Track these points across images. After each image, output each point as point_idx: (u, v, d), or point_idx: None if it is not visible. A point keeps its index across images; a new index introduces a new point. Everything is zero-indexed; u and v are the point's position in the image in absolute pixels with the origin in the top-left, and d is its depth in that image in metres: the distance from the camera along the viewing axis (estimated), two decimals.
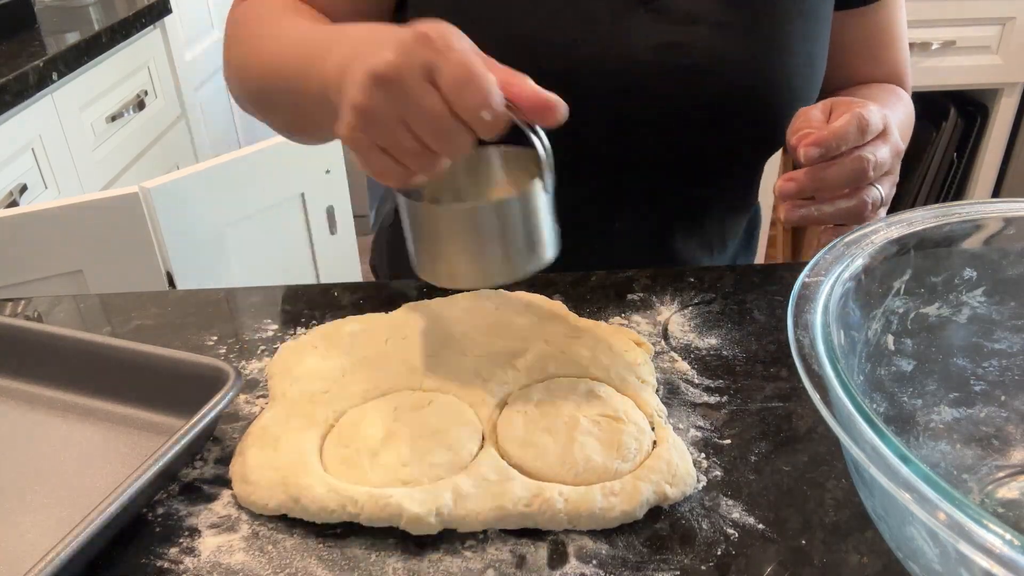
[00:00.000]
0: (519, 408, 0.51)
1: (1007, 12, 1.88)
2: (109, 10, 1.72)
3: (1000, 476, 0.48)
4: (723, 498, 0.48)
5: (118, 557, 0.45)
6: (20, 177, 1.34)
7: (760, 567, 0.43)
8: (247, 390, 0.57)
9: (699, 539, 0.45)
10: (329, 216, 1.29)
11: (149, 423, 0.54)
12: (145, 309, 0.68)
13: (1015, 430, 0.49)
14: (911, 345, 0.49)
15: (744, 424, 0.53)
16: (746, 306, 0.66)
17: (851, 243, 0.46)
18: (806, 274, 0.44)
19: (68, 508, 0.48)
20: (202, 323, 0.65)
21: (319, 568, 0.44)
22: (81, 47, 1.50)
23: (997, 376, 0.50)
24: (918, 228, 0.47)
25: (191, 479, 0.50)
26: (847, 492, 0.48)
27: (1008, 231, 0.49)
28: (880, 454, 0.33)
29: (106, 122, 1.61)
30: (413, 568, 0.44)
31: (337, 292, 0.69)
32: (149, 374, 0.54)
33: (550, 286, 0.68)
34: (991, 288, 0.49)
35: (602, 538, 0.45)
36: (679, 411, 0.54)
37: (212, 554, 0.45)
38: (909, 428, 0.49)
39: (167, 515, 0.48)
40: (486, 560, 0.44)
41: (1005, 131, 2.03)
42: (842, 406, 0.35)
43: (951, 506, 0.30)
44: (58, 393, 0.57)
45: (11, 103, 1.29)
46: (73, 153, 1.49)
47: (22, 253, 0.98)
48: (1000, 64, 1.92)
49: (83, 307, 0.69)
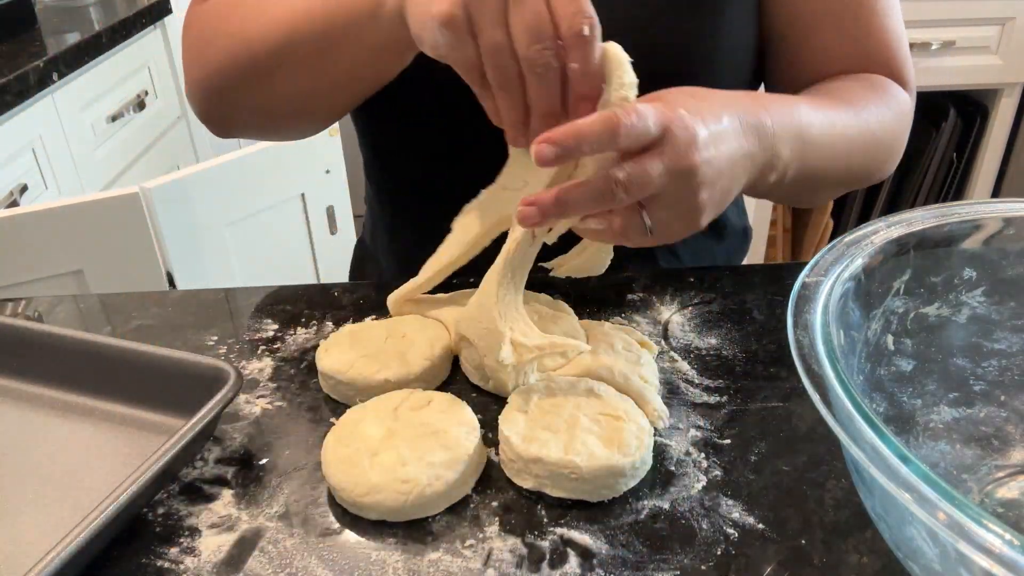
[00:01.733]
0: (519, 407, 0.51)
1: (1007, 12, 1.88)
2: (109, 10, 1.72)
3: (1000, 476, 0.48)
4: (723, 498, 0.48)
5: (118, 557, 0.45)
6: (20, 177, 1.34)
7: (760, 567, 0.43)
8: (247, 390, 0.57)
9: (699, 539, 0.45)
10: (329, 216, 1.29)
11: (149, 423, 0.54)
12: (145, 309, 0.68)
13: (1015, 430, 0.49)
14: (911, 345, 0.49)
15: (744, 424, 0.53)
16: (746, 306, 0.66)
17: (851, 243, 0.46)
18: (806, 274, 0.44)
19: (68, 508, 0.48)
20: (202, 323, 0.65)
21: (319, 568, 0.44)
22: (81, 47, 1.50)
23: (997, 376, 0.50)
24: (918, 228, 0.47)
25: (191, 479, 0.50)
26: (847, 492, 0.48)
27: (1008, 231, 0.49)
28: (880, 454, 0.33)
29: (106, 122, 1.61)
30: (413, 568, 0.44)
31: (337, 292, 0.69)
32: (149, 374, 0.54)
33: (550, 286, 0.68)
34: (991, 288, 0.49)
35: (602, 538, 0.45)
36: (679, 411, 0.54)
37: (212, 554, 0.45)
38: (909, 428, 0.49)
39: (167, 515, 0.48)
40: (486, 560, 0.44)
41: (1005, 131, 2.03)
42: (842, 406, 0.35)
43: (951, 506, 0.30)
44: (58, 393, 0.57)
45: (11, 103, 1.29)
46: (73, 153, 1.50)
47: (22, 253, 0.98)
48: (1000, 64, 1.92)
49: (83, 307, 0.69)
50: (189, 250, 1.10)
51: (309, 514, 0.47)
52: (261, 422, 0.55)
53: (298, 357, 0.61)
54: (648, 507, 0.47)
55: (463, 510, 0.47)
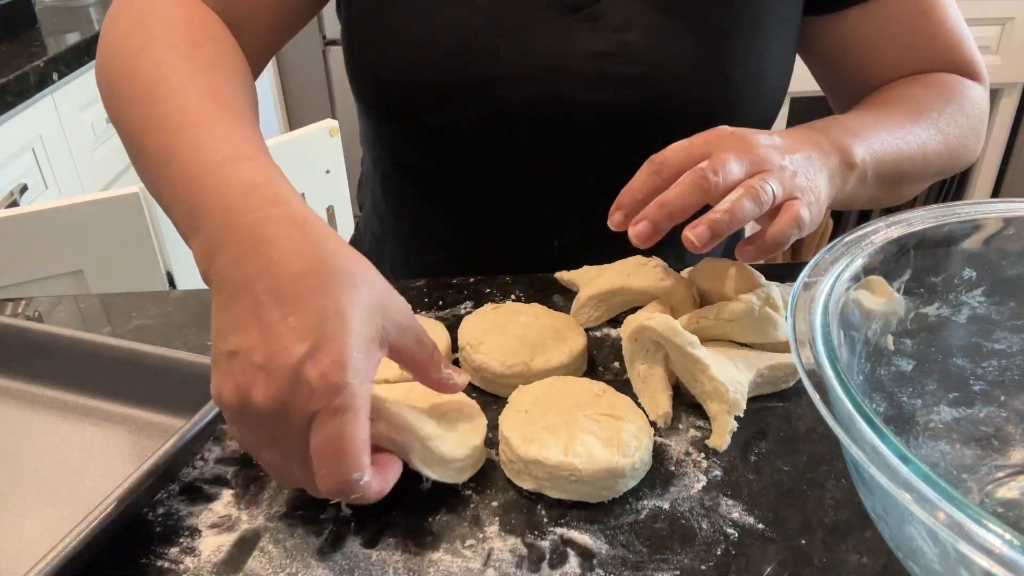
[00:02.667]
0: (518, 408, 0.51)
1: (1007, 12, 1.88)
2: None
3: (1000, 476, 0.48)
4: (723, 498, 0.48)
5: (118, 557, 0.45)
6: (21, 177, 1.34)
7: (760, 567, 0.43)
8: None
9: (699, 539, 0.45)
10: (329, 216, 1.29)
11: (149, 423, 0.54)
12: (145, 309, 0.68)
13: (1015, 430, 0.49)
14: (911, 345, 0.49)
15: (744, 424, 0.53)
16: None
17: (851, 243, 0.46)
18: (806, 274, 0.44)
19: (68, 508, 0.48)
20: (202, 323, 0.65)
21: (319, 568, 0.44)
22: (81, 47, 1.50)
23: (996, 376, 0.50)
24: (918, 228, 0.47)
25: (191, 479, 0.50)
26: (847, 492, 0.48)
27: (1008, 231, 0.49)
28: (880, 454, 0.33)
29: (106, 122, 1.61)
30: (413, 568, 0.44)
31: None
32: (149, 374, 0.54)
33: (549, 286, 0.68)
34: (991, 288, 0.49)
35: (602, 538, 0.45)
36: (679, 411, 0.54)
37: (212, 554, 0.45)
38: (909, 428, 0.49)
39: (167, 515, 0.48)
40: (486, 560, 0.44)
41: (1005, 131, 2.03)
42: (842, 406, 0.35)
43: (951, 506, 0.30)
44: (58, 393, 0.57)
45: (12, 103, 1.29)
46: (74, 153, 1.50)
47: (22, 253, 0.98)
48: (1000, 64, 1.93)
49: (83, 307, 0.69)
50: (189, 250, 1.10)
51: (309, 514, 0.47)
52: None
53: None
54: (648, 507, 0.47)
55: (463, 510, 0.47)
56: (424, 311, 0.65)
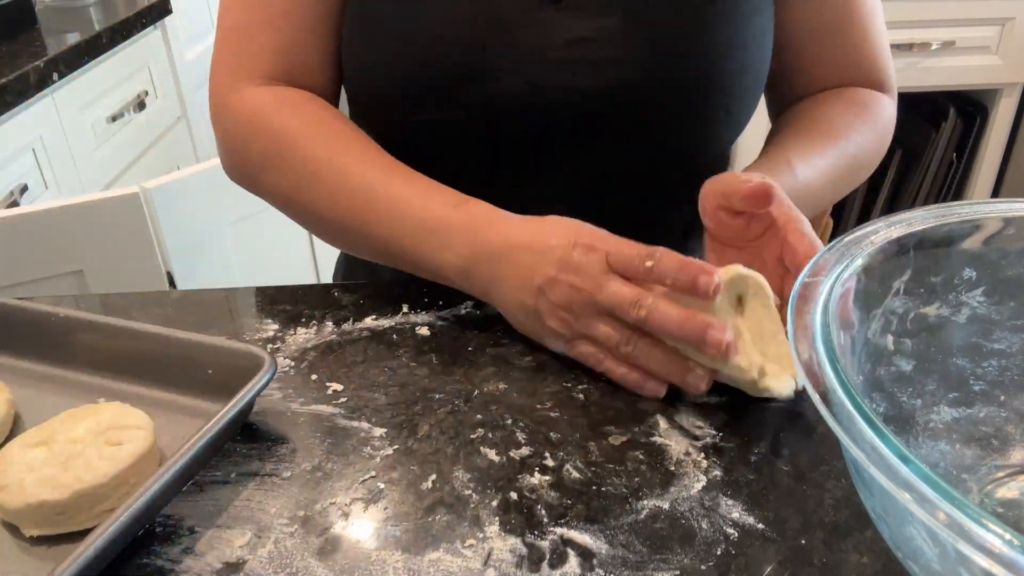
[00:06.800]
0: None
1: (1007, 12, 1.88)
2: (109, 10, 1.72)
3: (1000, 476, 0.48)
4: (723, 498, 0.48)
5: (118, 557, 0.45)
6: (21, 177, 1.34)
7: (760, 567, 0.43)
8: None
9: (699, 539, 0.45)
10: None
11: (183, 407, 0.55)
12: (145, 309, 0.68)
13: (1015, 430, 0.50)
14: (911, 345, 0.49)
15: (744, 424, 0.53)
16: None
17: (851, 243, 0.46)
18: (806, 274, 0.44)
19: None
20: (202, 323, 0.65)
21: (319, 568, 0.44)
22: (81, 47, 1.50)
23: (996, 376, 0.50)
24: (918, 228, 0.47)
25: (191, 479, 0.50)
26: (847, 492, 0.48)
27: (1008, 231, 0.49)
28: (880, 454, 0.33)
29: (106, 122, 1.61)
30: (413, 568, 0.44)
31: (337, 292, 0.69)
32: (183, 361, 0.55)
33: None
34: (991, 288, 0.49)
35: (602, 538, 0.45)
36: (679, 411, 0.55)
37: (212, 554, 0.45)
38: (909, 428, 0.49)
39: (167, 515, 0.48)
40: (486, 560, 0.44)
41: (1005, 131, 2.03)
42: (842, 406, 0.35)
43: (951, 506, 0.30)
44: (93, 378, 0.57)
45: (12, 103, 1.29)
46: (74, 153, 1.50)
47: (22, 253, 0.98)
48: (1000, 64, 1.93)
49: (83, 307, 0.69)
50: (189, 250, 1.10)
51: (309, 514, 0.47)
52: (261, 422, 0.55)
53: (298, 357, 0.61)
54: (648, 507, 0.47)
55: (463, 510, 0.47)
56: (424, 311, 0.65)
